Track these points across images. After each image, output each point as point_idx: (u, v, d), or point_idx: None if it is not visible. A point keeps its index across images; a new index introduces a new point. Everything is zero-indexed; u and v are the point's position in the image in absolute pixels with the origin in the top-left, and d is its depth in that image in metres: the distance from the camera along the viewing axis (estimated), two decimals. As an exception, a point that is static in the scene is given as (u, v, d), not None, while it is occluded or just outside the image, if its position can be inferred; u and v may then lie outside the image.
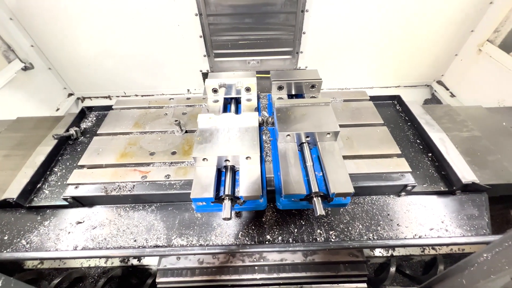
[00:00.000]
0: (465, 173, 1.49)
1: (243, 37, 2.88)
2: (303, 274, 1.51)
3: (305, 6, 2.64)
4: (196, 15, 2.68)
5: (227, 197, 1.22)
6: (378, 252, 1.70)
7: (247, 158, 1.29)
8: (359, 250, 1.57)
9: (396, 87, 3.61)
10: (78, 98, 3.63)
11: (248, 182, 1.26)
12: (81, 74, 3.29)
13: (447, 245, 1.64)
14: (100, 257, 1.68)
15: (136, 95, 3.59)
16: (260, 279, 1.52)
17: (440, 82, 3.52)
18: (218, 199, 1.24)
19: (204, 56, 3.05)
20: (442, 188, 1.52)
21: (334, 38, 2.97)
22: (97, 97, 3.63)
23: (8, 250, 1.38)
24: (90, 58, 3.11)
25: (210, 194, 1.22)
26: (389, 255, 1.72)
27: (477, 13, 2.79)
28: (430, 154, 1.69)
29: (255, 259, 1.52)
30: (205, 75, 3.25)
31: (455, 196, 1.53)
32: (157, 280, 1.53)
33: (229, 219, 1.17)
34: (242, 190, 1.23)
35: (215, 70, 3.15)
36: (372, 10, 2.74)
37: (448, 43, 3.08)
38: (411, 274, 1.85)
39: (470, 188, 1.50)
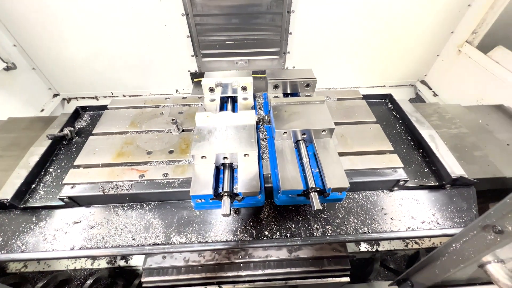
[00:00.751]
0: (454, 168, 1.55)
1: (230, 37, 2.89)
2: (288, 270, 1.55)
3: (291, 7, 2.67)
4: (183, 15, 2.67)
5: (226, 194, 1.24)
6: (363, 247, 1.75)
7: (245, 155, 1.31)
8: (342, 245, 1.62)
9: (381, 86, 3.70)
10: (63, 99, 3.55)
11: (246, 179, 1.28)
12: (66, 74, 3.22)
13: (430, 237, 1.70)
14: (84, 257, 1.66)
15: (124, 96, 3.54)
16: (246, 275, 1.54)
17: (423, 82, 3.63)
18: (217, 196, 1.26)
19: (192, 56, 3.04)
20: (432, 182, 1.58)
21: (320, 39, 3.02)
22: (84, 98, 3.56)
23: (3, 252, 1.36)
24: (75, 58, 3.05)
25: (209, 191, 1.23)
26: (374, 250, 1.77)
27: (457, 15, 2.89)
28: (421, 150, 1.76)
29: (240, 256, 1.54)
30: (193, 75, 3.24)
31: (445, 190, 1.59)
32: (143, 279, 1.54)
33: (228, 215, 1.19)
34: (241, 187, 1.25)
35: (203, 70, 3.15)
36: (357, 12, 2.80)
37: (430, 44, 3.18)
38: (395, 268, 1.91)
39: (459, 182, 1.56)
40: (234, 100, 1.84)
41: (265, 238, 1.40)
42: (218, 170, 1.41)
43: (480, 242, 0.88)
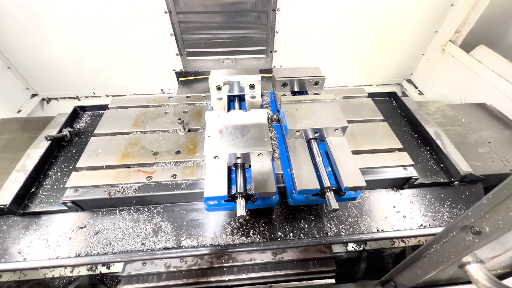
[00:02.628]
0: (462, 165, 1.57)
1: (216, 35, 2.82)
2: (272, 273, 1.54)
3: (276, 5, 2.63)
4: (166, 12, 2.58)
5: (240, 195, 1.20)
6: (351, 247, 1.75)
7: (259, 154, 1.28)
8: (328, 246, 1.61)
9: (369, 85, 3.71)
10: (43, 99, 3.37)
11: (261, 179, 1.25)
12: (45, 73, 3.05)
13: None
14: (61, 266, 1.56)
15: (107, 95, 3.43)
16: (229, 280, 1.52)
17: (409, 81, 3.67)
18: (231, 197, 1.22)
19: (177, 55, 2.95)
20: (441, 179, 1.59)
21: (307, 37, 2.99)
22: (64, 98, 3.40)
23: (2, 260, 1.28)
24: (55, 57, 2.90)
25: (224, 192, 1.20)
26: (361, 249, 1.77)
27: (440, 15, 2.93)
28: (427, 148, 1.77)
29: (223, 261, 1.52)
30: (178, 74, 3.17)
31: (453, 187, 1.60)
32: (121, 287, 1.48)
33: (244, 217, 1.16)
34: (256, 187, 1.22)
35: (188, 69, 3.09)
36: (343, 11, 2.80)
37: (416, 43, 3.21)
38: (381, 266, 1.92)
39: (467, 179, 1.57)
40: (240, 98, 1.80)
41: (279, 239, 1.38)
42: (229, 171, 1.37)
43: (459, 243, 0.87)
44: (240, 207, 1.16)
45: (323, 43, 3.08)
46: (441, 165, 1.66)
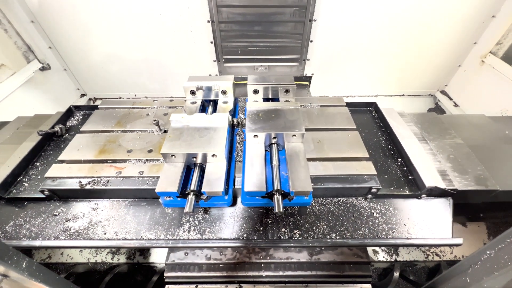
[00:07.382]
0: (431, 178, 1.53)
1: (252, 44, 3.00)
2: (309, 273, 1.54)
3: (313, 15, 2.75)
4: (208, 22, 2.80)
5: (191, 192, 1.27)
6: (381, 256, 1.71)
7: (213, 155, 1.35)
8: (364, 251, 1.59)
9: (400, 96, 3.70)
10: (90, 99, 3.78)
11: (212, 179, 1.31)
12: (94, 75, 3.44)
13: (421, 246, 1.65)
14: (104, 247, 1.69)
15: (146, 97, 3.70)
16: (266, 276, 1.54)
17: (443, 92, 3.61)
18: (182, 194, 1.29)
19: (214, 61, 3.16)
20: (407, 192, 1.56)
21: (340, 47, 3.07)
22: (108, 98, 3.77)
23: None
24: (103, 60, 3.25)
25: (175, 189, 1.27)
26: (392, 260, 1.72)
27: (480, 26, 2.89)
28: (400, 160, 1.73)
29: (261, 257, 1.54)
30: None
31: (420, 200, 1.56)
32: (165, 274, 1.56)
33: (191, 213, 1.22)
34: (205, 186, 1.28)
35: (224, 75, 3.27)
36: (378, 21, 2.85)
37: (452, 54, 3.17)
38: (414, 280, 1.85)
39: (435, 193, 1.53)
40: (215, 103, 1.88)
41: (233, 239, 1.42)
42: (189, 170, 1.44)
43: None
44: (188, 204, 1.23)
45: (355, 52, 3.17)
46: (410, 177, 1.62)
